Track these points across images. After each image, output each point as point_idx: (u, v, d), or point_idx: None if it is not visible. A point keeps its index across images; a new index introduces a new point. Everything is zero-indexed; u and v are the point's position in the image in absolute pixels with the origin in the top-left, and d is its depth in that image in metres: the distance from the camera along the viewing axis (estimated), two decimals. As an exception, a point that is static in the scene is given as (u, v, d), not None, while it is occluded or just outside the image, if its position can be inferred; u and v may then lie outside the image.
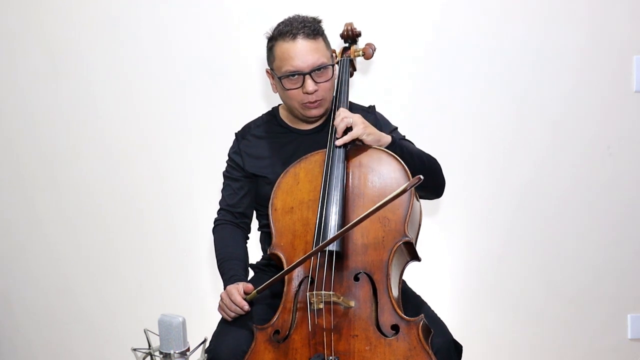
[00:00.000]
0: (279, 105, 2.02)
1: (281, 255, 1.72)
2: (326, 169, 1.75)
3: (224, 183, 2.01)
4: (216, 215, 2.00)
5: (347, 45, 2.04)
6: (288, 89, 1.83)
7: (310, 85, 1.80)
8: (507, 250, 2.58)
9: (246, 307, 1.69)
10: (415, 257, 1.75)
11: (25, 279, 2.78)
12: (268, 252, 1.78)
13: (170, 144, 2.63)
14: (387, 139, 1.79)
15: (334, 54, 1.95)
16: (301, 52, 1.79)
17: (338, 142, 1.75)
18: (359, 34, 2.04)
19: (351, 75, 1.99)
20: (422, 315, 1.59)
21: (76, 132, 2.67)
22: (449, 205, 2.54)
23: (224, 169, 2.02)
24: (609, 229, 2.55)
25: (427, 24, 2.50)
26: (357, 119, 1.76)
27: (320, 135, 1.91)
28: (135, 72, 2.60)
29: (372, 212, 1.54)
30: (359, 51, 2.00)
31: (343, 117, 1.76)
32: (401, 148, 1.80)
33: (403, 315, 1.59)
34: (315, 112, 1.87)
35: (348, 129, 1.76)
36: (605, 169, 2.52)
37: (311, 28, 1.82)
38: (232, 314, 1.72)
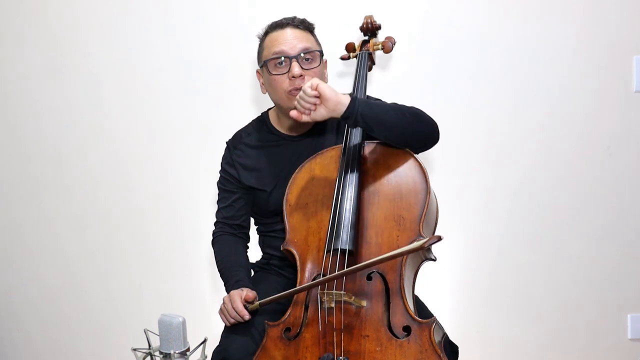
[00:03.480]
0: (268, 110, 2.00)
1: (295, 252, 1.70)
2: (341, 165, 1.72)
3: (219, 195, 1.98)
4: (213, 228, 1.98)
5: (366, 38, 1.99)
6: (273, 74, 1.80)
7: (296, 67, 1.77)
8: (506, 251, 2.58)
9: (247, 316, 1.68)
10: (429, 257, 1.71)
11: (26, 279, 2.79)
12: (281, 248, 1.74)
13: (171, 145, 2.63)
14: (345, 98, 1.63)
15: (325, 63, 1.92)
16: (289, 38, 1.80)
17: (299, 117, 1.65)
18: (379, 27, 1.98)
19: (369, 69, 1.95)
20: (435, 317, 1.56)
21: (78, 133, 2.68)
22: (447, 205, 2.53)
23: (218, 180, 1.99)
24: (609, 229, 2.54)
25: (434, 20, 2.50)
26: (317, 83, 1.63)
27: (311, 139, 1.89)
28: (141, 72, 2.60)
29: (381, 260, 1.49)
30: (378, 44, 1.95)
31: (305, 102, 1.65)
32: (367, 104, 1.65)
33: (415, 316, 1.55)
34: None
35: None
36: (605, 169, 2.52)
37: (300, 21, 1.84)
38: (232, 320, 1.71)
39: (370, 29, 1.98)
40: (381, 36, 2.01)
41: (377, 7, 2.45)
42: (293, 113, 1.65)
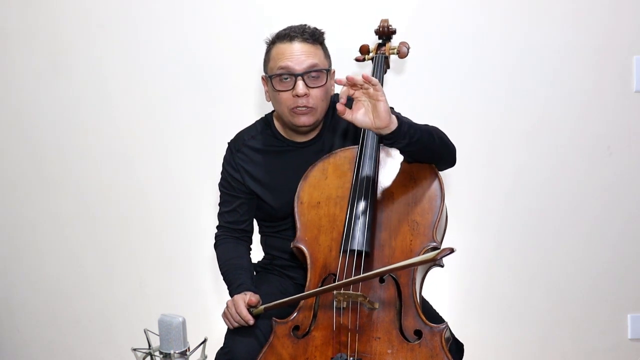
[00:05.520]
0: (273, 112, 1.96)
1: (305, 250, 1.69)
2: (358, 165, 1.71)
3: (221, 197, 1.95)
4: (216, 231, 1.97)
5: (381, 42, 1.99)
6: (278, 91, 1.77)
7: (300, 86, 1.73)
8: (505, 251, 2.58)
9: (251, 321, 1.67)
10: (438, 263, 1.68)
11: (25, 279, 2.79)
12: (291, 246, 1.73)
13: (174, 146, 2.63)
14: (394, 120, 1.56)
15: (332, 72, 1.87)
16: (296, 53, 1.75)
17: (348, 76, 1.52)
18: (394, 32, 1.99)
19: (384, 72, 1.94)
20: (447, 322, 1.57)
21: (79, 133, 2.68)
22: (450, 203, 2.54)
23: (220, 182, 1.96)
24: (609, 229, 2.55)
25: (425, 19, 2.50)
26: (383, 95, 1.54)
27: (317, 146, 1.87)
28: (147, 73, 2.61)
29: (397, 268, 1.48)
30: (394, 49, 1.95)
31: (379, 87, 1.53)
32: (410, 131, 1.59)
33: (427, 321, 1.56)
34: (304, 120, 1.78)
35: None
36: (605, 169, 2.52)
37: (310, 34, 1.78)
38: (236, 325, 1.70)
39: (385, 33, 1.98)
40: (395, 41, 2.00)
41: (366, 10, 2.47)
42: (339, 107, 1.53)
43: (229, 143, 1.96)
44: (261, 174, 1.89)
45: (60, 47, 2.64)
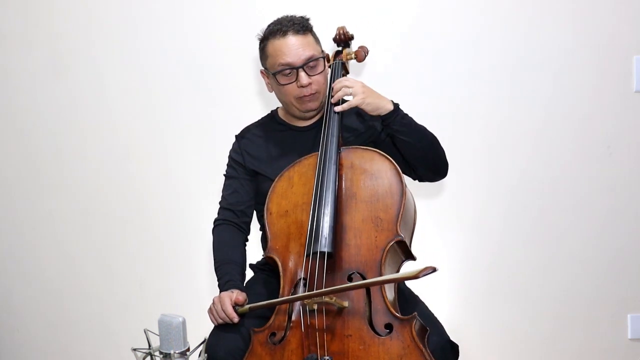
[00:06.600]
0: (278, 107, 2.05)
1: (277, 259, 1.74)
2: (318, 171, 1.76)
3: (224, 183, 2.02)
4: (216, 215, 2.00)
5: (339, 48, 2.05)
6: (283, 84, 1.87)
7: (303, 77, 1.84)
8: (506, 250, 2.58)
9: (235, 319, 1.70)
10: (410, 256, 1.75)
11: (25, 279, 2.79)
12: (264, 256, 1.79)
13: (173, 145, 2.64)
14: (388, 105, 1.81)
15: (326, 56, 1.97)
16: (292, 47, 1.84)
17: (337, 109, 1.82)
18: (351, 37, 2.05)
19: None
20: (415, 313, 1.58)
21: (81, 133, 2.68)
22: (446, 204, 2.55)
23: (225, 170, 2.03)
24: (609, 229, 2.55)
25: (422, 25, 2.50)
26: (357, 88, 1.79)
27: (317, 130, 1.93)
28: (145, 71, 2.61)
29: (369, 284, 1.54)
30: (351, 54, 2.01)
31: (343, 84, 1.81)
32: (403, 116, 1.82)
33: (396, 314, 1.58)
34: (311, 105, 1.90)
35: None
36: (605, 169, 2.52)
37: (300, 24, 1.87)
38: (220, 321, 1.73)
39: (343, 40, 2.04)
40: (354, 46, 2.04)
41: (368, 10, 2.47)
42: (337, 108, 1.83)
43: (236, 135, 2.05)
44: (260, 154, 1.97)
45: (60, 47, 2.64)
